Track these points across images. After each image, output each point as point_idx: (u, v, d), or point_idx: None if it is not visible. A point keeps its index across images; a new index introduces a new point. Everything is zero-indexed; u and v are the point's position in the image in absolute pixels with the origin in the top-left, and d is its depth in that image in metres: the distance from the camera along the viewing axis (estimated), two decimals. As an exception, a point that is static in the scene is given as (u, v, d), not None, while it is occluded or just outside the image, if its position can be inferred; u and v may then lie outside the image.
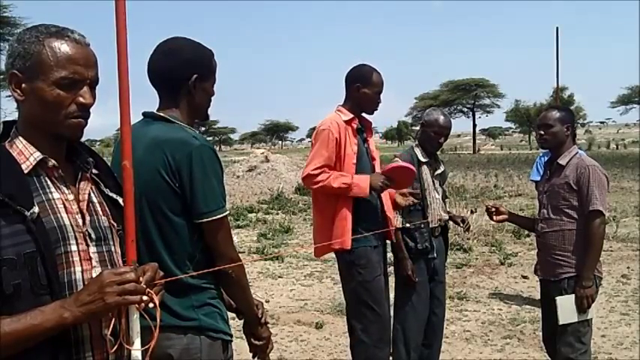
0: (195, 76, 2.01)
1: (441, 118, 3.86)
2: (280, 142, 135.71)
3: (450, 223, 4.16)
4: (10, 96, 1.37)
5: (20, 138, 1.41)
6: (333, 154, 3.32)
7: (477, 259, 8.28)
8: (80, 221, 1.42)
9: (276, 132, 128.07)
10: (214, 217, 1.89)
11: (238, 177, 20.79)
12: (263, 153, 23.57)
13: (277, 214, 13.26)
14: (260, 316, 2.10)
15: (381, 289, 3.46)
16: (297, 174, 20.64)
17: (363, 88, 3.44)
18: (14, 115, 1.46)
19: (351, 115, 3.44)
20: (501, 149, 73.55)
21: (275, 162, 21.88)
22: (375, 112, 3.55)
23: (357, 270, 3.37)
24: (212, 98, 2.11)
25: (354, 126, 3.44)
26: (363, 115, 3.54)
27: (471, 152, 64.15)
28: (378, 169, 3.56)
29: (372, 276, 3.39)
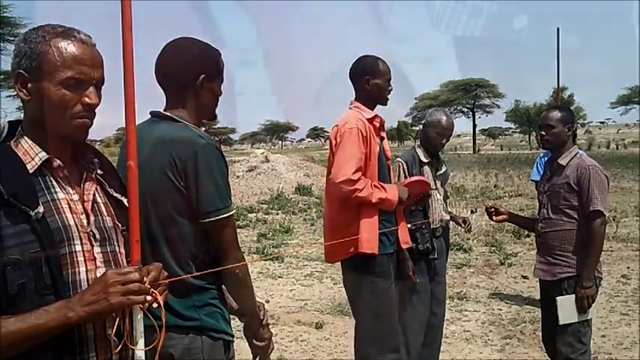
0: (202, 76, 2.00)
1: (444, 118, 3.86)
2: (280, 142, 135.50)
3: (451, 223, 4.17)
4: (10, 96, 1.38)
5: (25, 138, 1.41)
6: (363, 154, 3.14)
7: (476, 259, 8.28)
8: (85, 221, 1.43)
9: (276, 132, 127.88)
10: (221, 216, 1.89)
11: (238, 177, 20.77)
12: (263, 153, 23.56)
13: (277, 214, 13.25)
14: (262, 317, 2.10)
15: (392, 297, 3.34)
16: (297, 174, 20.65)
17: (373, 80, 3.30)
18: (14, 115, 1.47)
19: (374, 113, 3.30)
20: (501, 149, 73.45)
21: (275, 162, 21.88)
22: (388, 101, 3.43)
23: (371, 278, 3.23)
24: (219, 98, 2.10)
25: (376, 124, 3.30)
26: (377, 114, 3.38)
27: (471, 152, 64.11)
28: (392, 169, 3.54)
29: (386, 284, 3.27)
